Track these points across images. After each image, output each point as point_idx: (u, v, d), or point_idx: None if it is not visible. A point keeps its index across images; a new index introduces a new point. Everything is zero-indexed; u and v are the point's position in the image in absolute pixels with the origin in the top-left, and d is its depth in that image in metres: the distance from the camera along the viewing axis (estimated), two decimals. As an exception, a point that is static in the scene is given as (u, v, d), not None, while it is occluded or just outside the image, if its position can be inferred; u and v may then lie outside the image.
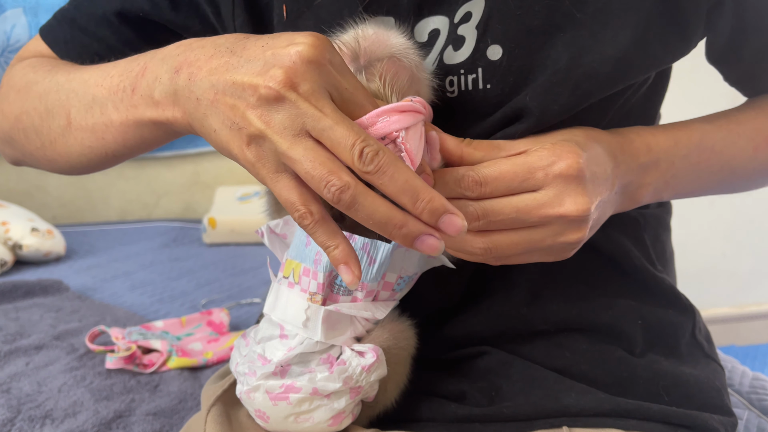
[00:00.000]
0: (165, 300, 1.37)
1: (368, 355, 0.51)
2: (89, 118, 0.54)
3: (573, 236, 0.49)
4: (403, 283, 0.54)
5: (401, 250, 0.52)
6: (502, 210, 0.48)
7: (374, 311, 0.52)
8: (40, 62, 0.65)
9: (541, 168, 0.48)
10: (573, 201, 0.48)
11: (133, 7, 0.63)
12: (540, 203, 0.48)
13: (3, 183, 2.02)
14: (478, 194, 0.48)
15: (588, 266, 0.60)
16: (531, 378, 0.57)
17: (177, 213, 2.18)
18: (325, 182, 0.40)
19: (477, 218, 0.48)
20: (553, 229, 0.49)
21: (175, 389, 0.97)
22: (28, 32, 1.82)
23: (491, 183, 0.48)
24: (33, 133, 0.61)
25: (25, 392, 0.92)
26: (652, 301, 0.61)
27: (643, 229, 0.64)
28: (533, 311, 0.59)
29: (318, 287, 0.51)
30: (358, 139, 0.40)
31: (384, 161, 0.40)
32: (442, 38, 0.56)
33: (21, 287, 1.32)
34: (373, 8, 0.56)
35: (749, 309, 2.25)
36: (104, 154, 0.56)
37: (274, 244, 0.57)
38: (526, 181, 0.48)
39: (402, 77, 0.49)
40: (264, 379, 0.51)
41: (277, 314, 0.53)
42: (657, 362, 0.58)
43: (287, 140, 0.41)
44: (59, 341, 1.09)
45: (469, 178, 0.48)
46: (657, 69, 0.57)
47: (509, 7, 0.53)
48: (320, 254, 0.51)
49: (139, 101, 0.50)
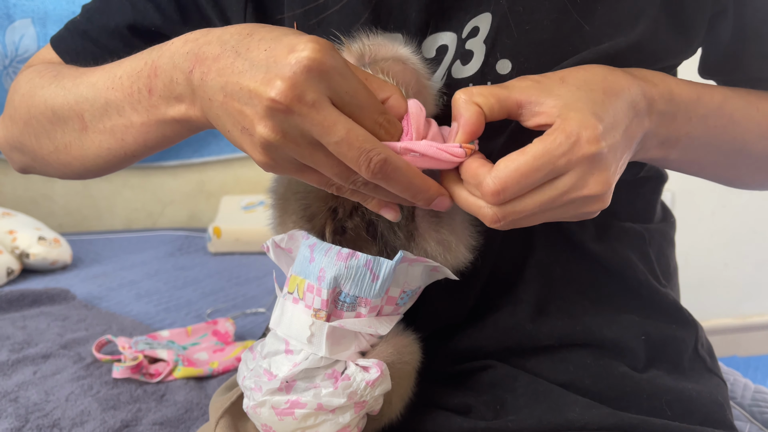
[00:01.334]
0: (171, 309, 1.38)
1: (372, 371, 0.52)
2: (106, 121, 0.55)
3: (595, 207, 0.48)
4: (406, 297, 0.54)
5: (404, 265, 0.52)
6: (524, 208, 0.46)
7: (378, 327, 0.52)
8: (46, 67, 0.66)
9: (563, 155, 0.45)
10: (596, 180, 0.46)
11: (145, 20, 0.64)
12: (563, 191, 0.46)
13: (10, 191, 2.03)
14: (497, 202, 0.46)
15: (593, 281, 0.61)
16: (536, 392, 0.57)
17: (182, 222, 2.18)
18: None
19: (497, 220, 0.46)
20: (575, 206, 0.48)
21: (182, 399, 0.98)
22: (37, 42, 1.84)
23: (512, 188, 0.45)
24: (45, 138, 0.62)
25: (33, 401, 0.93)
26: (656, 317, 0.61)
27: (648, 243, 0.64)
28: (538, 326, 0.59)
29: (322, 304, 0.51)
30: (362, 153, 0.43)
31: (389, 170, 0.44)
32: (450, 53, 0.56)
33: (28, 296, 1.33)
34: (381, 24, 0.57)
35: (751, 320, 2.25)
36: (123, 155, 0.57)
37: (279, 258, 0.57)
38: (549, 173, 0.45)
39: (407, 75, 0.50)
40: (269, 394, 0.52)
41: (283, 329, 0.54)
42: (660, 377, 0.58)
43: (303, 149, 0.44)
44: (66, 350, 1.10)
45: (488, 188, 0.45)
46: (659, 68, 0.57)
47: (518, 22, 0.54)
48: (324, 271, 0.51)
49: (159, 102, 0.51)
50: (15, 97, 0.65)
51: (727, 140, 0.58)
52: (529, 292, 0.60)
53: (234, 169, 2.19)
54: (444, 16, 0.56)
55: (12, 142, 0.66)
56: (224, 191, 2.18)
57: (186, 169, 2.16)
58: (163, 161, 2.11)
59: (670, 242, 0.70)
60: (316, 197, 0.55)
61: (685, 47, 0.58)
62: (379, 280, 0.51)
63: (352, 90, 0.43)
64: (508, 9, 0.54)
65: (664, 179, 0.70)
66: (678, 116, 0.54)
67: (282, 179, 0.59)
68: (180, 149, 2.10)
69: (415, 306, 0.62)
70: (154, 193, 2.16)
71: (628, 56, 0.52)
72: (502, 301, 0.61)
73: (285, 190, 0.58)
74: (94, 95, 0.56)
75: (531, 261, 0.61)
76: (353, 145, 0.42)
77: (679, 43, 0.57)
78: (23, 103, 0.63)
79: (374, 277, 0.51)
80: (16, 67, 1.86)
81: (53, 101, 0.59)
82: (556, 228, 0.60)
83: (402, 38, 0.56)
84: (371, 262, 0.50)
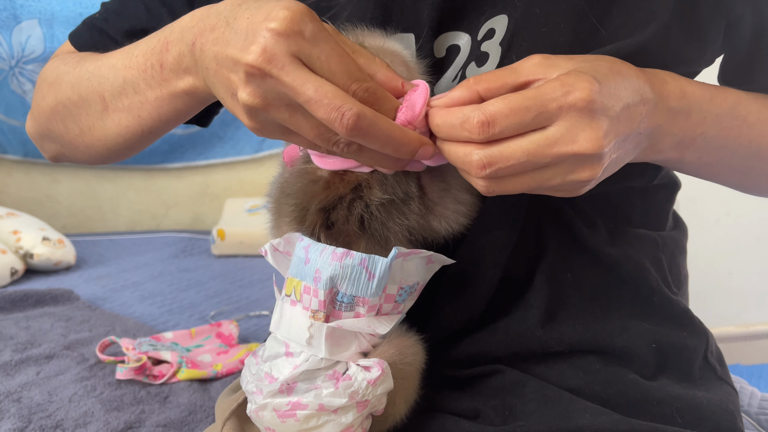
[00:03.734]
0: (174, 311, 1.38)
1: (374, 370, 0.51)
2: (124, 99, 0.58)
3: (584, 174, 0.46)
4: (405, 294, 0.54)
5: (399, 261, 0.51)
6: (512, 155, 0.44)
7: (377, 326, 0.52)
8: (70, 56, 0.68)
9: (554, 99, 0.44)
10: (587, 136, 0.44)
11: (159, 25, 0.65)
12: (552, 141, 0.44)
13: (14, 192, 2.03)
14: (485, 137, 0.44)
15: (604, 288, 0.61)
16: (545, 398, 0.57)
17: (186, 224, 2.18)
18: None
19: (483, 167, 0.45)
20: (564, 168, 0.46)
21: (185, 401, 0.97)
22: (43, 43, 1.84)
23: (501, 122, 0.44)
24: (71, 122, 0.64)
25: (36, 402, 0.93)
26: (667, 324, 0.61)
27: (661, 250, 0.64)
28: (548, 332, 0.59)
29: (319, 305, 0.51)
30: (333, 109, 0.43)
31: (365, 125, 0.43)
32: (463, 54, 0.56)
33: (32, 296, 1.33)
34: (393, 24, 0.57)
35: (755, 328, 2.24)
36: (140, 132, 0.60)
37: (278, 262, 0.57)
38: (540, 115, 0.44)
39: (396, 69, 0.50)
40: (271, 397, 0.51)
41: (282, 332, 0.54)
42: (669, 385, 0.58)
43: (282, 112, 0.45)
44: (70, 351, 1.10)
45: (475, 119, 0.44)
46: None
47: (534, 24, 0.54)
48: (319, 271, 0.51)
49: (170, 75, 0.53)
50: (43, 86, 0.68)
51: (742, 143, 0.57)
52: (540, 298, 0.59)
53: (238, 171, 2.19)
54: (456, 16, 0.56)
55: (41, 130, 0.69)
56: (228, 194, 2.18)
57: (190, 171, 2.16)
58: (168, 163, 2.12)
59: (682, 250, 0.70)
60: (306, 197, 0.55)
61: (699, 55, 0.58)
62: (376, 278, 0.50)
63: (324, 55, 0.44)
64: (524, 11, 0.54)
65: (677, 187, 0.70)
66: (692, 114, 0.53)
67: (276, 182, 0.59)
68: (185, 152, 2.10)
69: (425, 312, 0.61)
70: (158, 194, 2.17)
71: (637, 59, 0.51)
72: (512, 306, 0.60)
73: (279, 192, 0.58)
74: (114, 75, 0.58)
75: (542, 267, 0.60)
76: (322, 102, 0.43)
77: (692, 50, 0.57)
78: (51, 90, 0.66)
79: (370, 275, 0.50)
80: (23, 68, 1.86)
81: (78, 85, 0.62)
82: (568, 233, 0.60)
83: (413, 39, 0.57)
84: (366, 261, 0.50)
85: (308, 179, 0.55)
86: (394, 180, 0.53)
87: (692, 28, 0.56)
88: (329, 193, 0.53)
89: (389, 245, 0.53)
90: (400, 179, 0.53)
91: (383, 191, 0.53)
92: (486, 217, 0.58)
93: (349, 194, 0.53)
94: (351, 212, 0.53)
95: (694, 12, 0.55)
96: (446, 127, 0.46)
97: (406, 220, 0.54)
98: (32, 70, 1.87)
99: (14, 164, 2.02)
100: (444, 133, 0.47)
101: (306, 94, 0.43)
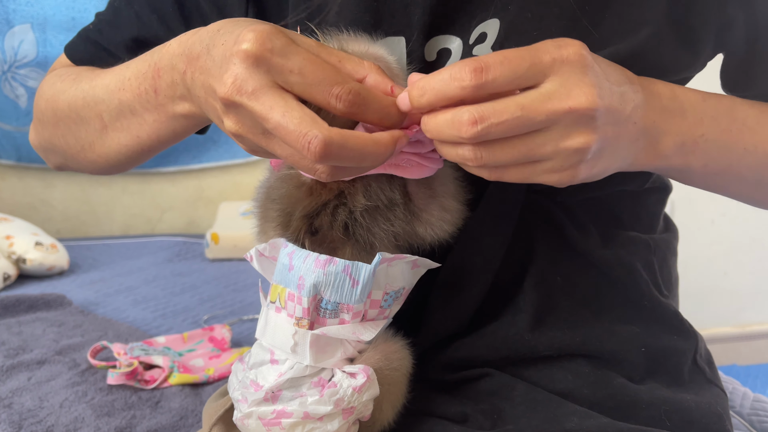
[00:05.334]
0: (167, 315, 1.38)
1: (359, 376, 0.51)
2: (123, 120, 0.59)
3: (578, 139, 0.44)
4: (390, 299, 0.54)
5: (383, 266, 0.51)
6: (505, 109, 0.42)
7: (362, 333, 0.52)
8: (66, 71, 0.69)
9: (548, 52, 0.43)
10: (581, 91, 0.43)
11: (149, 33, 0.66)
12: (546, 95, 0.43)
13: (8, 197, 2.03)
14: (476, 84, 0.42)
15: (594, 292, 0.61)
16: (533, 401, 0.57)
17: (180, 228, 2.18)
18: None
19: (474, 122, 0.42)
20: (558, 132, 0.44)
21: (177, 406, 0.97)
22: (36, 48, 1.84)
23: (494, 69, 0.42)
24: (71, 138, 0.65)
25: (27, 407, 0.92)
26: (656, 327, 0.61)
27: (653, 252, 0.64)
28: (537, 336, 0.59)
29: (303, 312, 0.51)
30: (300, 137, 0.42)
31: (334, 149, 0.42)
32: (455, 57, 0.56)
33: (24, 301, 1.32)
34: (384, 28, 0.57)
35: (751, 329, 2.24)
36: (140, 150, 0.61)
37: (264, 267, 0.57)
38: (533, 66, 0.43)
39: None
40: (256, 405, 0.51)
41: (267, 339, 0.53)
42: (657, 389, 0.58)
43: (258, 137, 0.45)
44: (61, 356, 1.09)
45: (468, 66, 0.42)
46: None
47: (526, 29, 0.54)
48: (303, 278, 0.50)
49: (165, 100, 0.54)
50: (41, 102, 0.69)
51: (747, 148, 0.56)
52: (529, 302, 0.59)
53: (232, 175, 2.19)
54: (448, 20, 0.56)
55: (45, 144, 0.71)
56: (223, 197, 2.18)
57: (185, 175, 2.16)
58: (162, 167, 2.11)
59: (673, 252, 0.70)
60: (290, 202, 0.55)
61: (692, 60, 0.58)
62: (359, 285, 0.50)
63: (297, 68, 0.42)
64: (516, 15, 0.54)
65: (668, 191, 0.70)
66: (687, 115, 0.52)
67: (263, 187, 0.59)
68: (179, 155, 2.10)
69: (415, 317, 0.61)
70: (152, 199, 2.16)
71: (630, 64, 0.51)
72: (501, 310, 0.60)
73: (265, 197, 0.58)
74: (109, 97, 0.59)
75: (532, 270, 0.60)
76: (288, 128, 0.42)
77: (684, 55, 0.57)
78: (49, 107, 0.67)
79: (354, 282, 0.50)
80: (16, 72, 1.86)
81: (75, 104, 0.63)
82: (559, 236, 0.60)
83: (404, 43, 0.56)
84: (350, 267, 0.50)
85: (292, 184, 0.55)
86: (378, 187, 0.53)
87: (685, 32, 0.56)
88: (312, 200, 0.53)
89: (374, 251, 0.53)
90: (384, 186, 0.53)
91: (367, 198, 0.52)
92: (478, 225, 0.58)
93: (332, 200, 0.53)
94: (335, 218, 0.53)
95: (687, 17, 0.55)
96: (434, 83, 0.43)
97: (391, 227, 0.54)
98: (25, 75, 1.87)
99: (8, 169, 2.02)
100: (431, 90, 0.43)
101: (272, 121, 0.42)
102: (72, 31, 1.82)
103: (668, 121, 0.51)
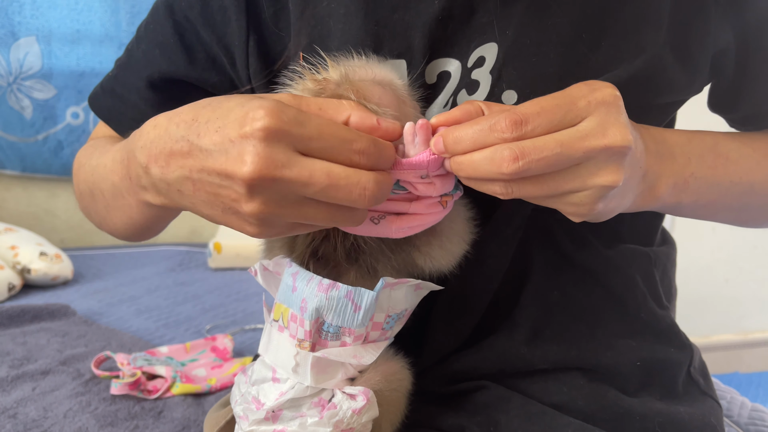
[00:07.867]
0: (170, 325, 1.38)
1: (359, 398, 0.51)
2: (118, 200, 0.59)
3: (608, 177, 0.45)
4: (392, 321, 0.54)
5: (386, 291, 0.51)
6: (544, 146, 0.43)
7: (363, 356, 0.52)
8: (93, 144, 0.71)
9: (583, 96, 0.45)
10: (617, 131, 0.44)
11: (153, 70, 0.66)
12: (584, 134, 0.44)
13: (13, 207, 2.04)
14: (518, 134, 0.43)
15: (591, 305, 0.61)
16: (529, 413, 0.58)
17: (183, 237, 2.19)
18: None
19: (515, 158, 0.42)
20: (588, 168, 0.45)
21: (179, 416, 0.98)
22: (41, 60, 1.86)
23: (533, 120, 0.43)
24: (93, 209, 0.68)
25: (32, 417, 0.93)
26: (652, 340, 0.62)
27: (654, 264, 0.65)
28: (533, 350, 0.59)
29: (305, 334, 0.51)
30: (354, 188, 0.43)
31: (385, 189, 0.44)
32: (454, 81, 0.57)
33: (29, 311, 1.33)
34: (385, 51, 0.57)
35: (753, 336, 2.24)
36: (138, 228, 0.63)
37: (268, 281, 0.57)
38: (570, 112, 0.44)
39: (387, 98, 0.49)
40: (256, 424, 0.51)
41: (270, 357, 0.54)
42: (651, 402, 0.58)
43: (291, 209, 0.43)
44: (65, 366, 1.10)
45: (507, 119, 0.43)
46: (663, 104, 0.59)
47: (524, 54, 0.54)
48: (305, 301, 0.51)
49: (137, 188, 0.52)
50: (74, 171, 0.72)
51: (733, 180, 0.58)
52: (526, 316, 0.60)
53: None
54: (447, 42, 0.57)
55: (82, 208, 0.73)
56: (226, 206, 2.19)
57: (188, 184, 2.17)
58: (165, 176, 2.13)
59: (673, 264, 0.71)
60: None
61: (689, 83, 0.59)
62: (362, 310, 0.50)
63: (315, 134, 0.42)
64: (514, 41, 0.55)
65: None
66: (677, 157, 0.54)
67: None
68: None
69: (418, 339, 0.62)
70: (155, 208, 2.17)
71: (630, 88, 0.52)
72: (499, 324, 0.61)
73: None
74: (105, 177, 0.60)
75: (529, 285, 0.61)
76: (339, 184, 0.42)
77: (683, 78, 0.58)
78: (76, 179, 0.70)
79: (356, 307, 0.50)
80: (21, 84, 1.88)
81: (88, 180, 0.65)
82: (557, 250, 0.61)
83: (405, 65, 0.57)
84: (352, 293, 0.50)
85: None
86: None
87: (682, 58, 0.57)
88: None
89: (378, 275, 0.53)
90: None
91: None
92: (483, 248, 0.58)
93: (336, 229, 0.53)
94: (339, 245, 0.54)
95: (685, 44, 0.56)
96: (473, 133, 0.44)
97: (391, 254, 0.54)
98: (30, 86, 1.89)
99: (12, 179, 2.03)
100: (469, 140, 0.44)
101: (319, 184, 0.42)
102: (76, 43, 1.84)
103: (662, 164, 0.53)
